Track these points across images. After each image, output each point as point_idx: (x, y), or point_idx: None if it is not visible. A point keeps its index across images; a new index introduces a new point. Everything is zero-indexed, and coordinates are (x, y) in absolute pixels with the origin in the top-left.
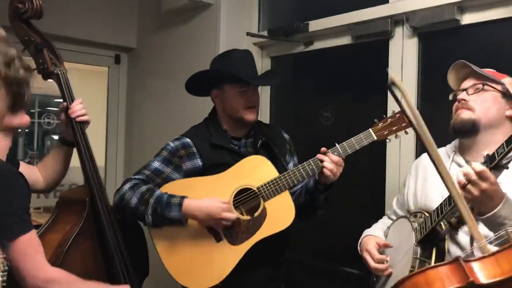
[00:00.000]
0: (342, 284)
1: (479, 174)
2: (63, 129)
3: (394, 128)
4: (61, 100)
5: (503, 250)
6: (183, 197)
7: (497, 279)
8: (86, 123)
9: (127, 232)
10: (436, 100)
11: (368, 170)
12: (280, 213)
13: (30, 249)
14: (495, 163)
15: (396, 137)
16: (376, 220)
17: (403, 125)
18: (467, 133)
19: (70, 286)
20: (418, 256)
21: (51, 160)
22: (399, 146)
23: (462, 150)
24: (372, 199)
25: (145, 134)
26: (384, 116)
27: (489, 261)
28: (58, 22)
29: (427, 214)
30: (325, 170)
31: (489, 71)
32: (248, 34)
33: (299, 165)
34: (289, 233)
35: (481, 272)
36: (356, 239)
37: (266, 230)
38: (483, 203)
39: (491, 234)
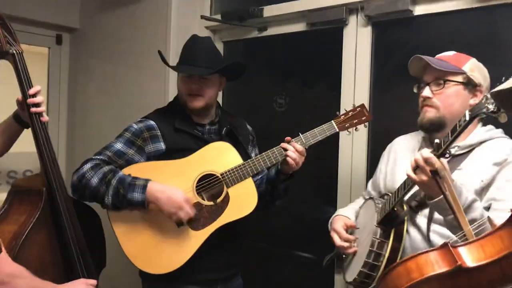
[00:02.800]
0: (296, 268)
1: (426, 160)
2: (19, 107)
3: (355, 121)
4: None
5: (486, 235)
6: (147, 180)
7: (482, 262)
8: (42, 111)
9: (84, 222)
10: (388, 88)
11: (322, 159)
12: (243, 199)
13: None
14: (441, 151)
15: (356, 129)
16: (330, 208)
17: (363, 118)
18: (436, 130)
19: (31, 282)
20: (378, 236)
21: None
22: (352, 138)
23: (432, 142)
24: (325, 187)
25: (89, 119)
26: (345, 109)
27: (474, 246)
28: None
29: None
30: (288, 159)
31: (450, 57)
32: (202, 17)
33: (263, 153)
34: (248, 220)
35: (468, 256)
36: (308, 225)
37: (229, 215)
38: (431, 188)
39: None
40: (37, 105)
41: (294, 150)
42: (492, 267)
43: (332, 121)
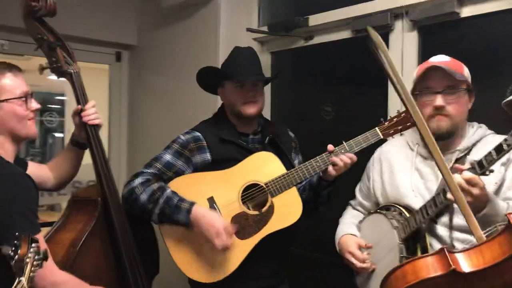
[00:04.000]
0: (345, 278)
1: (470, 182)
2: (75, 129)
3: (399, 127)
4: (63, 98)
5: (487, 241)
6: (192, 203)
7: (479, 268)
8: (98, 126)
9: (138, 230)
10: None
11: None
12: (287, 209)
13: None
14: (484, 170)
15: (401, 135)
16: None
17: (408, 124)
18: (447, 138)
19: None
20: (404, 254)
21: (62, 160)
22: None
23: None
24: None
25: (147, 130)
26: (390, 115)
27: (473, 252)
28: (59, 21)
29: (401, 208)
30: (332, 168)
31: (451, 63)
32: (248, 30)
33: (307, 162)
34: (294, 228)
35: (464, 262)
36: None
37: (274, 225)
38: (475, 206)
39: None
40: (94, 118)
41: (339, 160)
42: (491, 273)
43: (376, 128)
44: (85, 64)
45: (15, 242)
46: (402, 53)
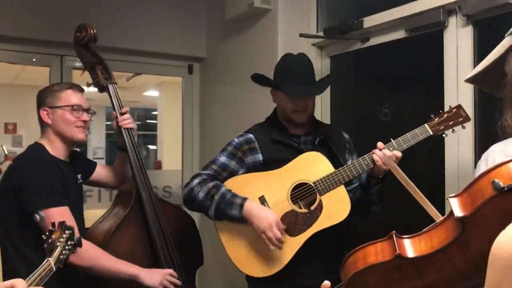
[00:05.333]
0: None
1: None
2: (116, 136)
3: (450, 123)
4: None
5: (436, 226)
6: (245, 199)
7: (425, 253)
8: (132, 129)
9: (180, 225)
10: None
11: (427, 166)
12: (336, 207)
13: (61, 219)
14: None
15: (453, 131)
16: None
17: (460, 119)
18: None
19: (97, 257)
20: None
21: (117, 163)
22: (457, 141)
23: None
24: (431, 195)
25: (217, 138)
26: (441, 111)
27: (423, 237)
28: (135, 38)
29: None
30: (376, 160)
31: None
32: (301, 35)
33: (355, 161)
34: (345, 228)
35: (410, 247)
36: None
37: (323, 222)
38: None
39: None
40: (127, 122)
41: (382, 154)
42: (438, 258)
43: (426, 124)
44: (159, 78)
45: (51, 229)
46: (457, 51)
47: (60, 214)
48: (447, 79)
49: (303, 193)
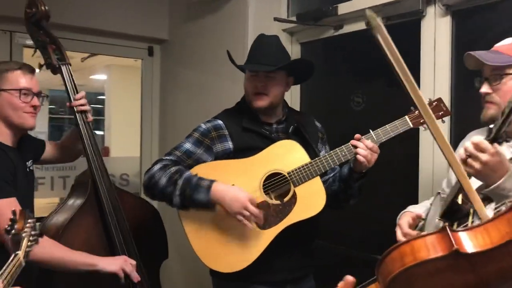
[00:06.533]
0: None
1: (477, 146)
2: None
3: None
4: (103, 97)
5: (493, 219)
6: (212, 181)
7: (485, 248)
8: (87, 112)
9: (142, 216)
10: (471, 82)
11: (401, 158)
12: (310, 199)
13: (7, 211)
14: (493, 135)
15: None
16: None
17: (440, 113)
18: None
19: (52, 250)
20: None
21: (68, 138)
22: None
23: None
24: (406, 187)
25: (178, 124)
26: None
27: (479, 231)
28: (92, 16)
29: None
30: (359, 157)
31: (507, 47)
32: (275, 19)
33: (331, 151)
34: (318, 221)
35: (468, 241)
36: (388, 227)
37: (296, 215)
38: (487, 175)
39: None
40: (82, 106)
41: (364, 147)
42: (499, 254)
43: (406, 116)
44: (117, 60)
45: (12, 218)
46: (434, 40)
47: (7, 205)
48: (423, 70)
49: (276, 183)
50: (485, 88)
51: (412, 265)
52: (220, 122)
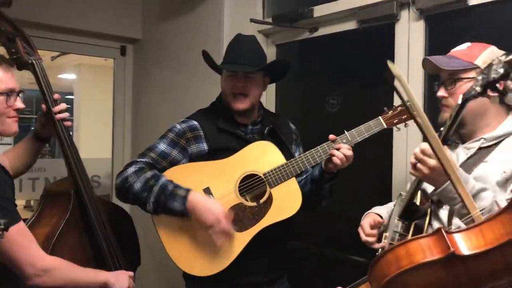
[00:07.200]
0: (348, 273)
1: (424, 152)
2: (38, 125)
3: (404, 117)
4: (72, 97)
5: (487, 221)
6: (188, 190)
7: (480, 250)
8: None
9: (115, 222)
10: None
11: (374, 158)
12: (286, 200)
13: (22, 238)
14: (441, 138)
15: (405, 126)
16: None
17: (413, 113)
18: (456, 130)
19: (68, 272)
20: (398, 229)
21: (21, 151)
22: (406, 134)
23: (463, 139)
24: (379, 187)
25: (152, 125)
26: (394, 104)
27: (473, 232)
28: (64, 14)
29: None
30: (334, 158)
31: (462, 52)
32: (252, 20)
33: (307, 152)
34: (292, 222)
35: (463, 243)
36: None
37: (272, 217)
38: (435, 179)
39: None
40: (61, 112)
41: (339, 149)
42: (493, 256)
43: (380, 117)
44: (89, 59)
45: None
46: (408, 44)
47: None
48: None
49: (252, 185)
50: (441, 92)
51: (409, 268)
52: (195, 122)
